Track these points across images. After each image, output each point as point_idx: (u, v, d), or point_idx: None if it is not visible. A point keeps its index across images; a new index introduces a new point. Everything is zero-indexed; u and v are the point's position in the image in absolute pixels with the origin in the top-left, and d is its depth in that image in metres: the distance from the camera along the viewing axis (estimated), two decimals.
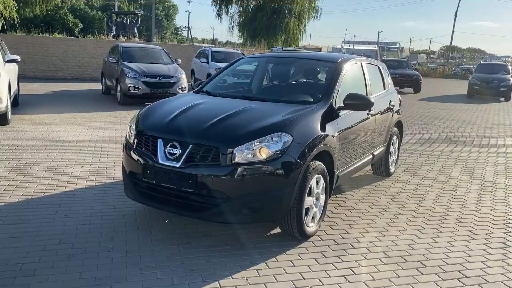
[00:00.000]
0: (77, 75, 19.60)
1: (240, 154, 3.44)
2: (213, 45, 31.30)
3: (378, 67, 5.85)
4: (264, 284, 3.16)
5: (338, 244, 3.90)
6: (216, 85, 5.10)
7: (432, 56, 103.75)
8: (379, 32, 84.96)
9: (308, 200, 3.78)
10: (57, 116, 9.71)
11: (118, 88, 12.11)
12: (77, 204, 4.52)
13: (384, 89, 5.87)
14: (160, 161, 3.60)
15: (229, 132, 3.57)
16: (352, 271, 3.43)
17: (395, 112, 5.98)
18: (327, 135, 3.95)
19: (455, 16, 48.91)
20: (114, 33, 26.51)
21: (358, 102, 4.29)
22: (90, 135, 7.93)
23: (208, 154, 3.48)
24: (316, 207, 3.95)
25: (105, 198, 4.75)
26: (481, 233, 4.32)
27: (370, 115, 4.96)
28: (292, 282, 3.21)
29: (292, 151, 3.52)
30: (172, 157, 3.58)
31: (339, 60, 4.81)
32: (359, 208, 4.84)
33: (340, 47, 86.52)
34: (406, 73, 21.37)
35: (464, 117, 13.44)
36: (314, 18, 41.79)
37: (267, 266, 3.43)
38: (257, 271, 3.35)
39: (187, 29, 70.30)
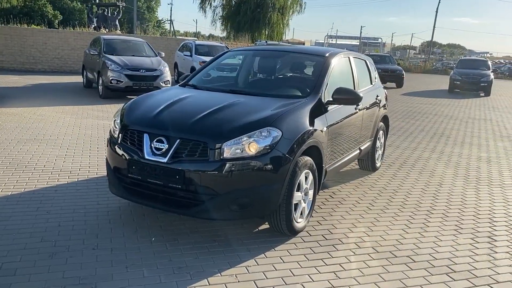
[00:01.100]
0: (57, 67, 19.20)
1: (229, 149, 3.36)
2: (196, 38, 30.96)
3: (365, 61, 5.83)
4: (254, 281, 3.11)
5: (326, 239, 3.87)
6: (202, 79, 4.99)
7: (413, 51, 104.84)
8: (361, 27, 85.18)
9: (297, 196, 3.73)
10: (37, 110, 9.47)
11: (100, 81, 11.88)
12: (59, 200, 4.40)
13: (371, 83, 5.85)
14: (146, 156, 3.51)
15: (217, 126, 3.49)
16: (342, 267, 3.40)
17: (382, 106, 5.98)
18: (316, 130, 3.90)
19: (436, 12, 49.41)
20: (95, 25, 26.00)
21: (347, 96, 4.25)
22: (72, 129, 7.75)
23: (196, 149, 3.40)
24: (305, 202, 3.91)
25: (88, 194, 4.63)
26: (468, 227, 4.35)
27: (357, 110, 4.94)
28: (282, 279, 3.16)
29: (281, 146, 3.47)
30: (158, 152, 3.48)
31: (327, 54, 4.76)
32: (346, 203, 4.82)
33: (323, 41, 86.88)
34: (389, 68, 21.51)
35: (446, 112, 13.59)
36: (298, 12, 41.76)
37: (256, 262, 3.38)
38: (246, 268, 3.29)
39: (169, 21, 69.50)
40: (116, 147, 3.80)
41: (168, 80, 12.16)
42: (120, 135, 3.78)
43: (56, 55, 19.16)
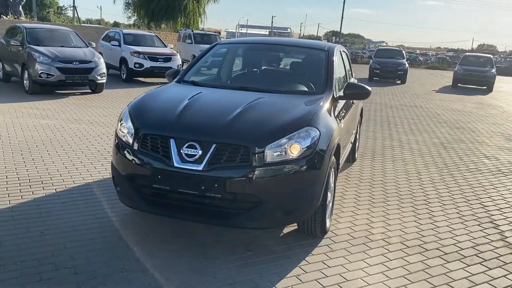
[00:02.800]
0: None
1: (271, 153, 3.13)
2: (118, 28, 29.12)
3: (347, 54, 5.83)
4: None
5: (355, 238, 3.81)
6: (200, 75, 4.64)
7: (319, 41, 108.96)
8: (273, 17, 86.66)
9: (329, 196, 3.62)
10: None
11: (26, 75, 10.68)
12: (49, 217, 3.82)
13: (352, 75, 5.88)
14: (176, 164, 3.14)
15: (256, 129, 3.23)
16: (386, 266, 3.36)
17: None
18: (338, 126, 3.81)
19: (344, 2, 51.77)
20: None
21: (358, 91, 4.20)
22: (14, 131, 6.84)
23: (236, 154, 3.12)
24: (331, 202, 3.82)
25: (79, 207, 4.09)
26: (467, 214, 4.55)
27: (353, 103, 4.93)
28: (339, 286, 3.04)
29: (320, 146, 3.31)
30: (190, 159, 3.14)
31: (327, 48, 4.67)
32: (348, 199, 4.80)
33: (234, 30, 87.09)
34: None
35: (378, 100, 14.25)
36: (214, 1, 41.29)
37: (303, 270, 3.21)
38: (296, 277, 3.11)
39: (72, 8, 64.76)
40: (131, 154, 3.36)
41: (104, 73, 11.29)
42: (137, 141, 3.35)
43: None
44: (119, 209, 4.07)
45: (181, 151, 3.16)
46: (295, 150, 3.18)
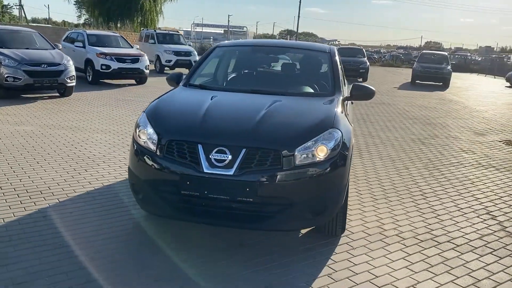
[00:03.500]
0: None
1: (300, 155, 3.18)
2: (74, 28, 28.18)
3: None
4: None
5: (370, 235, 3.92)
6: (206, 78, 4.60)
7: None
8: (229, 15, 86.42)
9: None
10: None
11: None
12: (63, 228, 3.68)
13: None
14: (206, 170, 3.13)
15: (284, 132, 3.27)
16: (408, 260, 3.49)
17: None
18: (352, 127, 3.91)
19: (300, 2, 52.50)
20: None
21: (364, 92, 4.31)
22: None
23: (266, 158, 3.14)
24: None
25: (89, 216, 3.97)
26: (464, 206, 4.78)
27: (352, 103, 5.05)
28: (370, 282, 3.13)
29: (343, 147, 3.39)
30: (220, 164, 3.13)
31: (328, 49, 4.77)
32: (350, 195, 4.92)
33: (190, 29, 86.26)
34: None
35: None
36: (170, 0, 40.84)
37: (332, 269, 3.28)
38: (328, 276, 3.18)
39: (18, 6, 61.86)
40: (155, 161, 3.30)
41: (74, 75, 10.92)
42: (161, 147, 3.29)
43: None
44: (132, 216, 4.00)
45: (210, 156, 3.15)
46: (321, 152, 3.24)
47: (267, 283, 3.04)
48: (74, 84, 11.02)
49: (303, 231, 3.87)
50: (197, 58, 20.19)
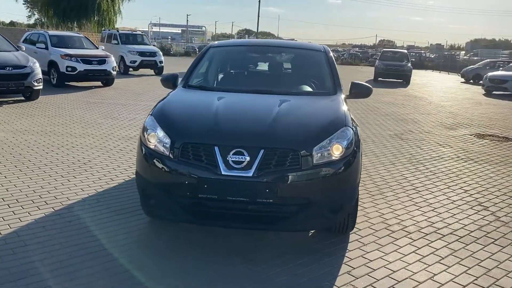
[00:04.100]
0: None
1: (317, 154, 3.19)
2: (31, 29, 26.95)
3: None
4: (372, 286, 3.06)
5: (377, 231, 3.98)
6: (204, 79, 4.53)
7: (233, 39, 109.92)
8: (187, 15, 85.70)
9: None
10: None
11: None
12: (66, 239, 3.52)
13: None
14: (223, 172, 3.07)
15: (301, 132, 3.28)
16: (419, 254, 3.57)
17: None
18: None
19: (259, 2, 52.73)
20: None
21: (363, 90, 4.39)
22: None
23: (285, 158, 3.12)
24: None
25: (89, 225, 3.81)
26: (457, 198, 4.94)
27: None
28: (390, 277, 3.18)
29: (355, 144, 3.44)
30: (238, 166, 3.09)
31: (323, 49, 4.81)
32: None
33: (147, 29, 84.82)
34: None
35: None
36: (128, 0, 40.04)
37: (350, 266, 3.31)
38: (348, 274, 3.20)
39: None
40: (169, 165, 3.21)
41: (40, 78, 10.48)
42: (175, 150, 3.20)
43: None
44: (137, 223, 3.88)
45: (227, 158, 3.09)
46: (337, 150, 3.26)
47: (294, 283, 3.03)
48: (41, 87, 10.59)
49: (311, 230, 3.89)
50: (163, 58, 19.90)
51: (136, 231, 3.75)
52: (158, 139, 3.33)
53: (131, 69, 19.44)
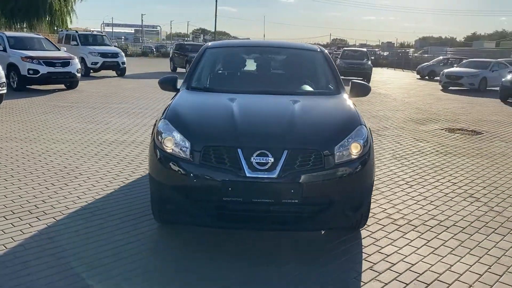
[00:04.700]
0: None
1: (338, 153, 3.23)
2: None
3: None
4: (396, 280, 3.13)
5: (385, 226, 4.08)
6: (206, 80, 4.47)
7: (187, 39, 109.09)
8: (142, 15, 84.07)
9: None
10: None
11: None
12: (77, 250, 3.38)
13: None
14: (248, 174, 3.05)
15: (322, 132, 3.32)
16: (430, 246, 3.69)
17: None
18: None
19: (216, 1, 52.48)
20: None
21: (362, 89, 4.48)
22: None
23: (308, 158, 3.14)
24: None
25: (97, 234, 3.68)
26: (454, 192, 5.14)
27: None
28: (411, 271, 3.27)
29: (370, 142, 3.51)
30: (262, 168, 3.07)
31: (320, 49, 4.88)
32: None
33: (100, 29, 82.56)
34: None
35: None
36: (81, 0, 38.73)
37: (371, 262, 3.37)
38: (371, 270, 3.26)
39: None
40: (190, 169, 3.15)
41: (4, 82, 10.01)
42: (195, 154, 3.15)
43: None
44: (146, 229, 3.79)
45: (251, 160, 3.08)
46: (355, 149, 3.32)
47: (322, 280, 3.06)
48: (4, 91, 10.08)
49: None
50: (125, 59, 19.43)
51: (147, 238, 3.66)
52: (175, 142, 3.26)
53: (92, 71, 18.86)
